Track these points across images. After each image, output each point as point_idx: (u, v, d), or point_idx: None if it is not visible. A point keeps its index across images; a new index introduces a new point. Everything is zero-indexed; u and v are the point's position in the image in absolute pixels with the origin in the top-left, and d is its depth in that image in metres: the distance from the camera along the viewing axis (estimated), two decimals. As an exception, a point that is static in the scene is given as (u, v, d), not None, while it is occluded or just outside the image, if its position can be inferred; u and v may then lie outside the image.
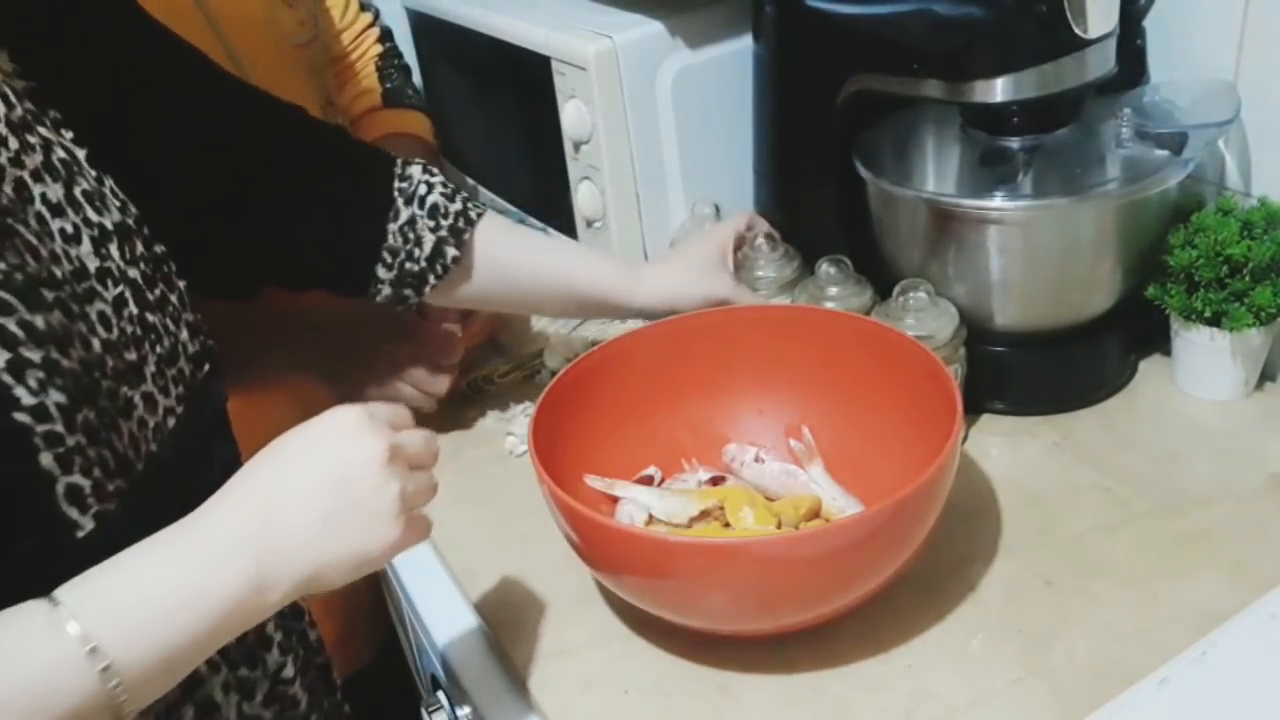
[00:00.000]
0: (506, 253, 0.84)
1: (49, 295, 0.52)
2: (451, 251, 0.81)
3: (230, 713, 0.60)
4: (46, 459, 0.50)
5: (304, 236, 0.78)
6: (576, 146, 1.02)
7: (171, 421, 0.59)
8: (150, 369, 0.57)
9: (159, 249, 0.62)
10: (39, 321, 0.50)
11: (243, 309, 0.91)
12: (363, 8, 1.17)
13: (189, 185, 0.73)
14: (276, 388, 0.97)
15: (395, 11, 1.26)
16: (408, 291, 0.81)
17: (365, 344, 0.93)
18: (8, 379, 0.48)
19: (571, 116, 1.00)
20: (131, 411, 0.56)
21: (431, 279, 0.81)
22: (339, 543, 0.54)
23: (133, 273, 0.58)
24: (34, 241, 0.52)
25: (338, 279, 0.82)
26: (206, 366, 0.63)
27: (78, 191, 0.56)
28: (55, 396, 0.50)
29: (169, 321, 0.60)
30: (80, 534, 0.51)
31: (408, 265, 0.80)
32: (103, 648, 0.47)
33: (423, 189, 0.81)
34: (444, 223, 0.80)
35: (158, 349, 0.58)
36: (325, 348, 0.93)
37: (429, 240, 0.80)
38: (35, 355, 0.50)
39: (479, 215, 0.82)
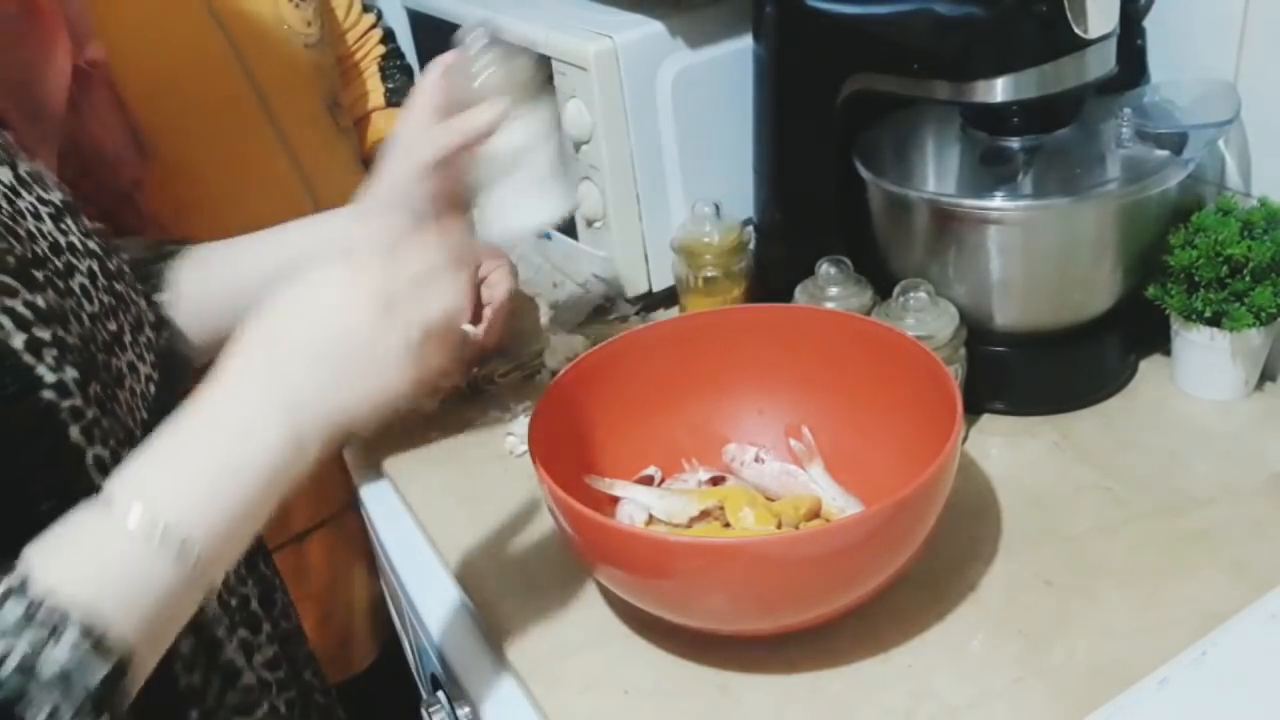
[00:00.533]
0: (220, 276, 0.76)
1: (39, 275, 0.52)
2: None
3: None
4: (75, 433, 0.51)
5: None
6: (576, 146, 1.02)
7: (153, 388, 0.59)
8: (128, 337, 0.58)
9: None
10: (40, 300, 0.51)
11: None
12: (365, 9, 1.18)
13: None
14: None
15: (395, 11, 1.26)
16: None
17: None
18: (29, 359, 0.49)
19: (571, 116, 1.00)
20: (124, 381, 0.56)
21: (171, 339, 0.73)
22: (355, 392, 0.53)
23: (92, 244, 0.58)
24: (9, 223, 0.53)
25: None
26: (166, 332, 0.64)
27: (23, 171, 0.57)
28: (70, 372, 0.51)
29: (130, 290, 0.60)
30: None
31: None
32: (171, 530, 0.47)
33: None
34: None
35: (128, 317, 0.59)
36: None
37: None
38: (46, 334, 0.50)
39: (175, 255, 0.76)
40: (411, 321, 0.54)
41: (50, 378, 0.50)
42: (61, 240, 0.56)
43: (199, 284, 0.75)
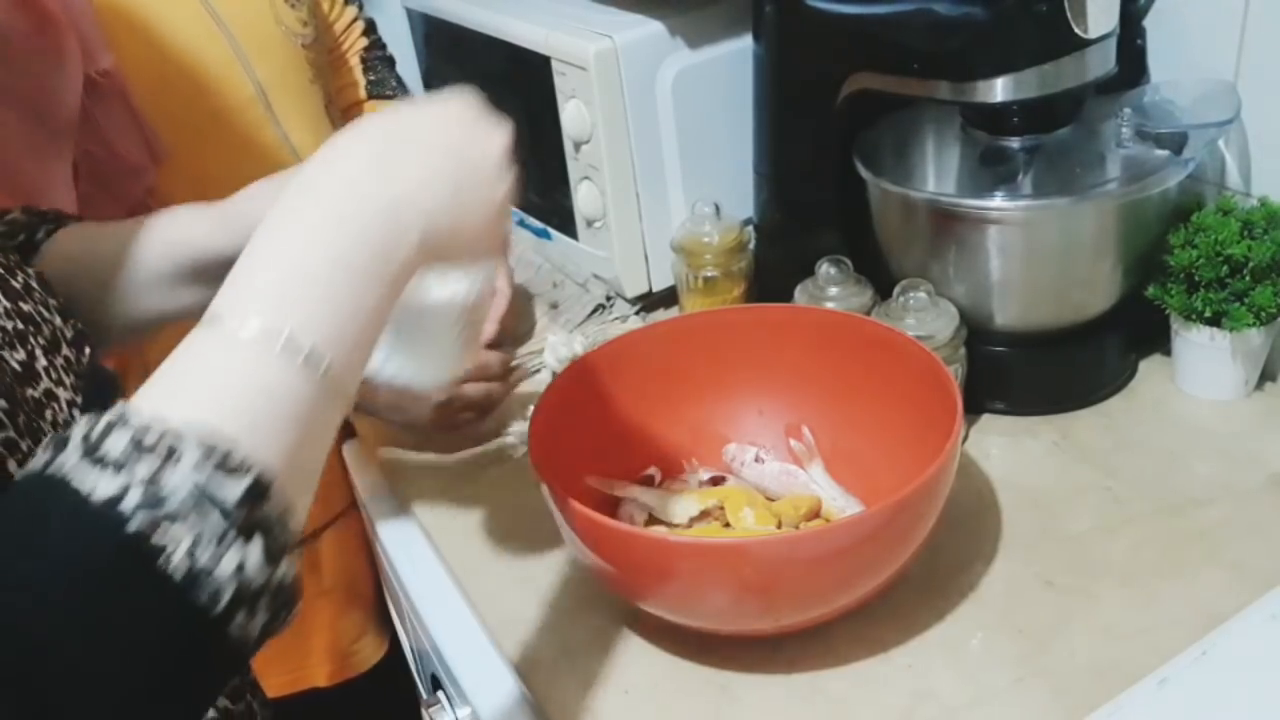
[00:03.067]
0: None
1: None
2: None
3: None
4: (13, 465, 0.47)
5: None
6: (576, 146, 1.02)
7: (76, 414, 0.55)
8: (41, 363, 0.53)
9: None
10: None
11: None
12: (346, 1, 1.17)
13: None
14: None
15: (395, 11, 1.26)
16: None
17: None
18: None
19: (571, 116, 1.00)
20: (44, 411, 0.52)
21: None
22: (459, 196, 0.51)
23: None
24: None
25: None
26: (88, 350, 0.59)
27: None
28: (1, 403, 0.47)
29: (42, 309, 0.56)
30: None
31: None
32: (295, 337, 0.43)
33: None
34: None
35: (41, 340, 0.54)
36: None
37: None
38: None
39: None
40: (496, 135, 0.55)
41: None
42: None
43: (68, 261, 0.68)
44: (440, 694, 0.80)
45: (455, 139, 0.53)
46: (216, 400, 0.41)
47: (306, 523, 1.06)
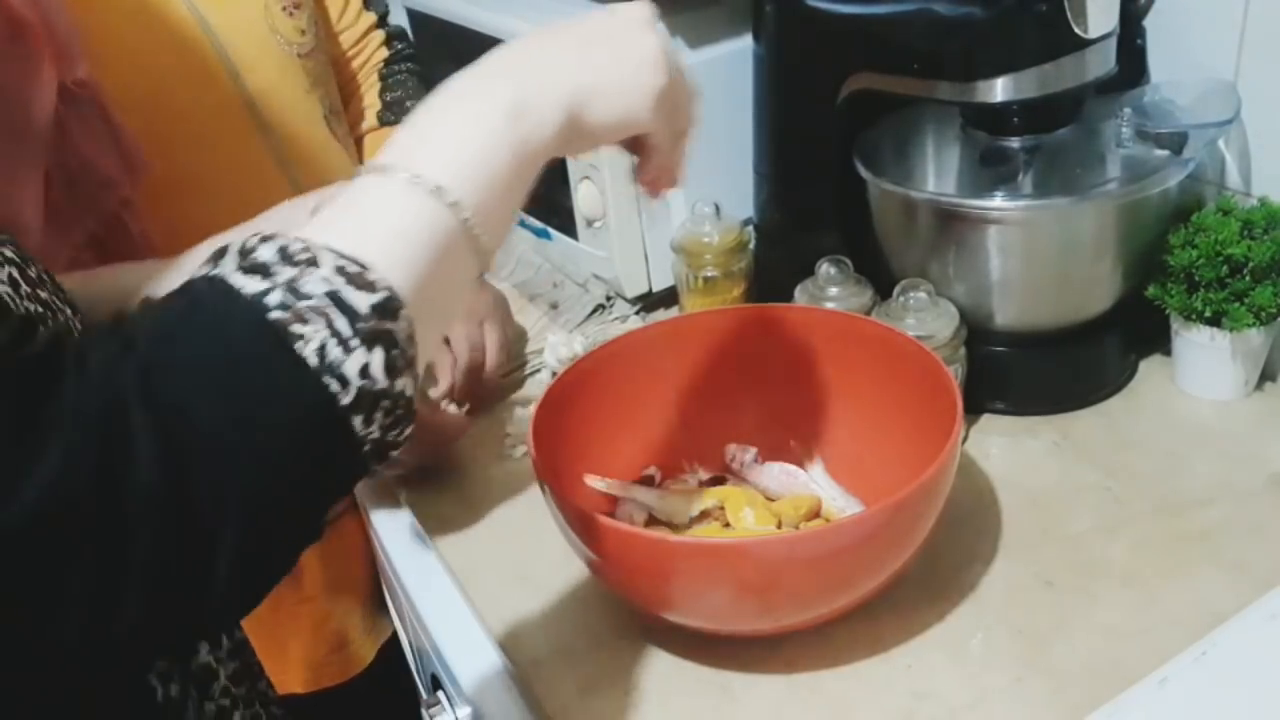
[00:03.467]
0: None
1: None
2: None
3: None
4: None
5: None
6: (576, 146, 1.02)
7: None
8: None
9: None
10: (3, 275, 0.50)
11: None
12: (366, 6, 1.12)
13: None
14: None
15: (395, 12, 1.26)
16: None
17: None
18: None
19: (571, 116, 1.00)
20: None
21: None
22: (601, 70, 0.54)
23: (9, 252, 0.56)
24: None
25: None
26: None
27: None
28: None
29: (52, 297, 0.58)
30: None
31: None
32: (443, 186, 0.47)
33: None
34: None
35: (55, 325, 0.56)
36: None
37: None
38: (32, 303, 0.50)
39: None
40: (668, 42, 0.57)
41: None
42: None
43: None
44: (440, 694, 0.80)
45: (589, 18, 0.56)
46: (362, 229, 0.45)
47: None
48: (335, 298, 0.42)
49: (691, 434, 0.84)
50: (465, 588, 0.80)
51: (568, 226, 1.10)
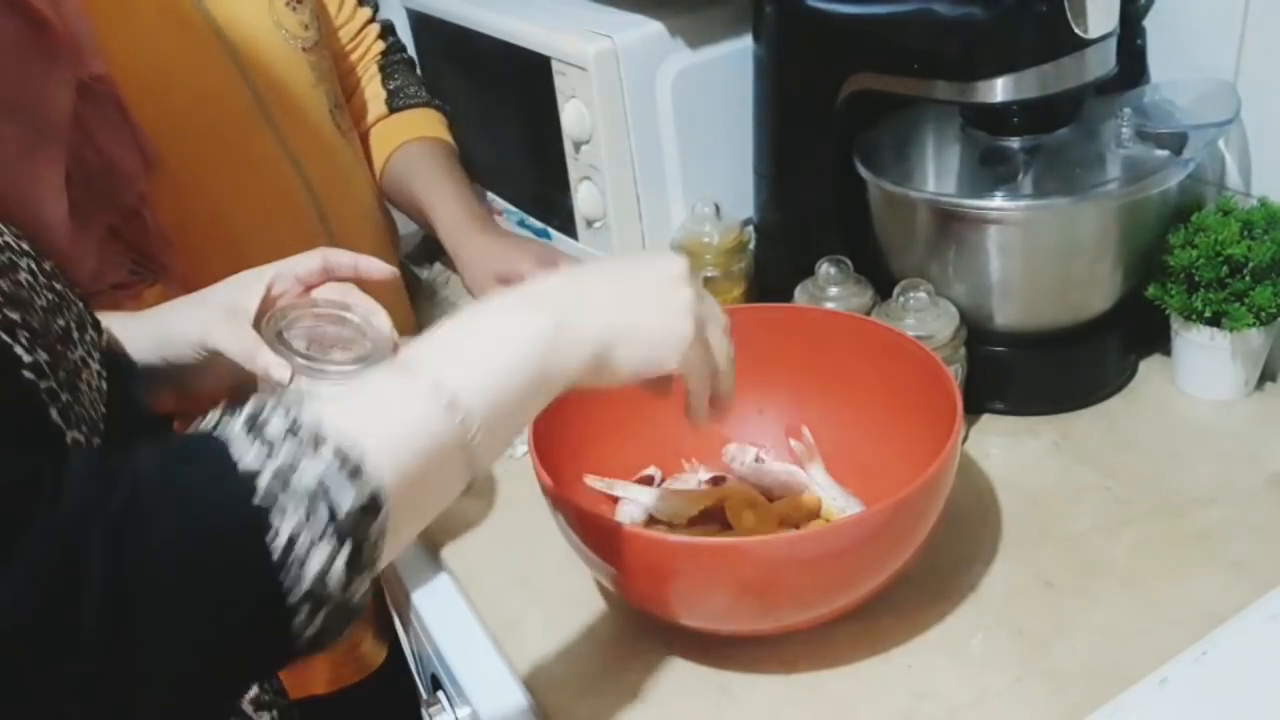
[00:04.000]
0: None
1: None
2: None
3: None
4: (54, 413, 0.50)
5: None
6: (576, 146, 1.02)
7: (104, 384, 0.59)
8: (75, 335, 0.57)
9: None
10: (4, 284, 0.50)
11: None
12: (360, 2, 1.14)
13: None
14: None
15: (395, 12, 1.26)
16: None
17: None
18: (6, 338, 0.48)
19: (571, 116, 1.00)
20: (80, 373, 0.56)
21: None
22: (633, 316, 0.57)
23: (25, 244, 0.58)
24: None
25: None
26: (105, 334, 0.64)
27: None
28: (41, 355, 0.50)
29: (66, 289, 0.60)
30: None
31: None
32: (458, 397, 0.49)
33: None
34: None
35: (70, 315, 0.58)
36: None
37: None
38: (15, 315, 0.50)
39: None
40: (702, 291, 0.60)
41: (27, 358, 0.49)
42: None
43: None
44: (440, 694, 0.80)
45: (628, 266, 0.60)
46: (371, 420, 0.47)
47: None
48: (324, 489, 0.43)
49: (691, 434, 0.84)
50: (465, 588, 0.80)
51: (568, 227, 1.10)
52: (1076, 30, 0.76)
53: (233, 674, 0.45)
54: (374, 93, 1.15)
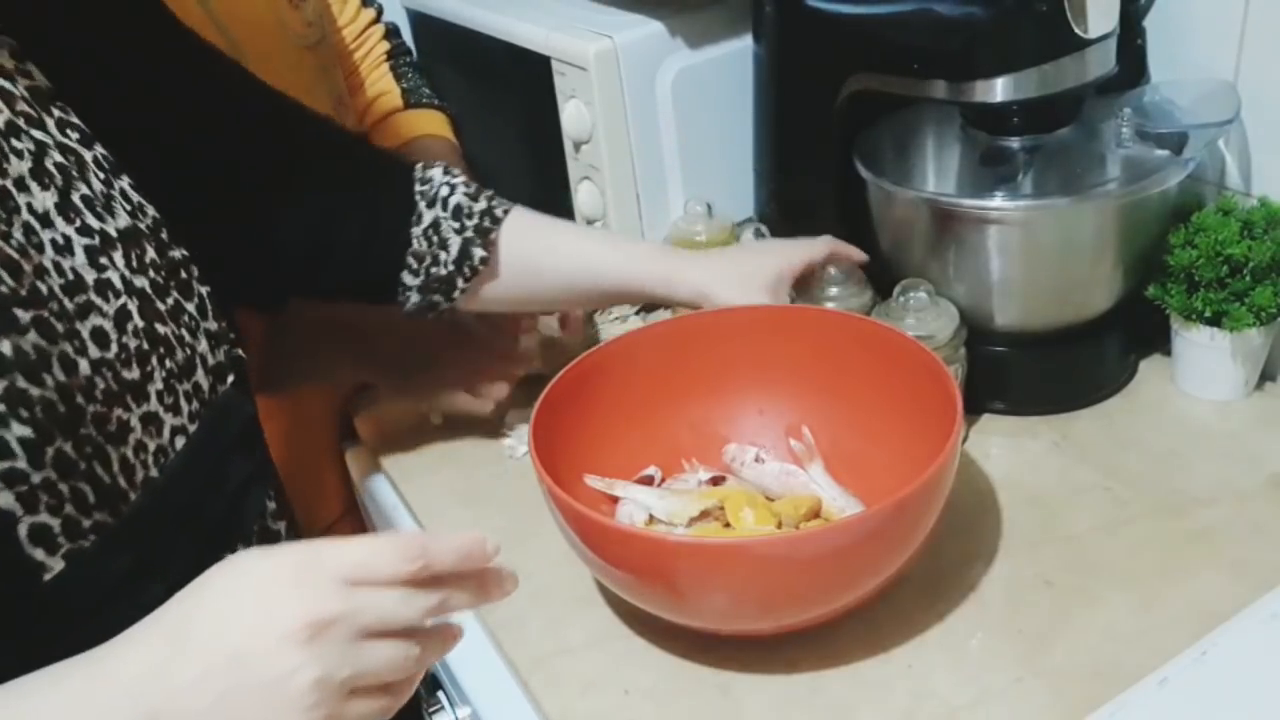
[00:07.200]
0: (537, 251, 0.80)
1: (24, 316, 0.49)
2: (479, 253, 0.77)
3: None
4: (5, 499, 0.47)
5: (327, 241, 0.75)
6: (576, 146, 1.02)
7: (180, 441, 0.56)
8: (157, 385, 0.55)
9: (177, 254, 0.59)
10: (4, 347, 0.47)
11: (295, 319, 0.91)
12: (364, 3, 1.15)
13: (212, 187, 0.69)
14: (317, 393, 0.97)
15: (395, 12, 1.26)
16: (436, 297, 0.78)
17: (422, 350, 0.92)
18: None
19: (571, 116, 1.00)
20: (126, 436, 0.52)
21: (460, 282, 0.78)
22: (220, 691, 0.43)
23: (140, 282, 0.55)
24: (15, 256, 0.49)
25: (363, 287, 0.79)
26: (230, 379, 0.60)
27: (76, 197, 0.54)
28: (18, 430, 0.47)
29: (184, 332, 0.57)
30: (48, 576, 0.48)
31: (434, 270, 0.77)
32: None
33: (444, 190, 0.78)
34: (469, 223, 0.77)
35: (168, 363, 0.55)
36: (381, 356, 0.93)
37: (455, 242, 0.77)
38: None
39: (505, 213, 0.79)
40: (337, 665, 0.44)
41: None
42: (89, 277, 0.52)
43: (532, 245, 0.80)
44: (440, 694, 0.80)
45: (238, 636, 0.44)
46: None
47: (308, 524, 1.06)
48: None
49: (692, 434, 0.84)
50: (465, 588, 0.80)
51: (567, 226, 1.10)
52: (1076, 30, 0.76)
53: None
54: (386, 88, 1.15)
